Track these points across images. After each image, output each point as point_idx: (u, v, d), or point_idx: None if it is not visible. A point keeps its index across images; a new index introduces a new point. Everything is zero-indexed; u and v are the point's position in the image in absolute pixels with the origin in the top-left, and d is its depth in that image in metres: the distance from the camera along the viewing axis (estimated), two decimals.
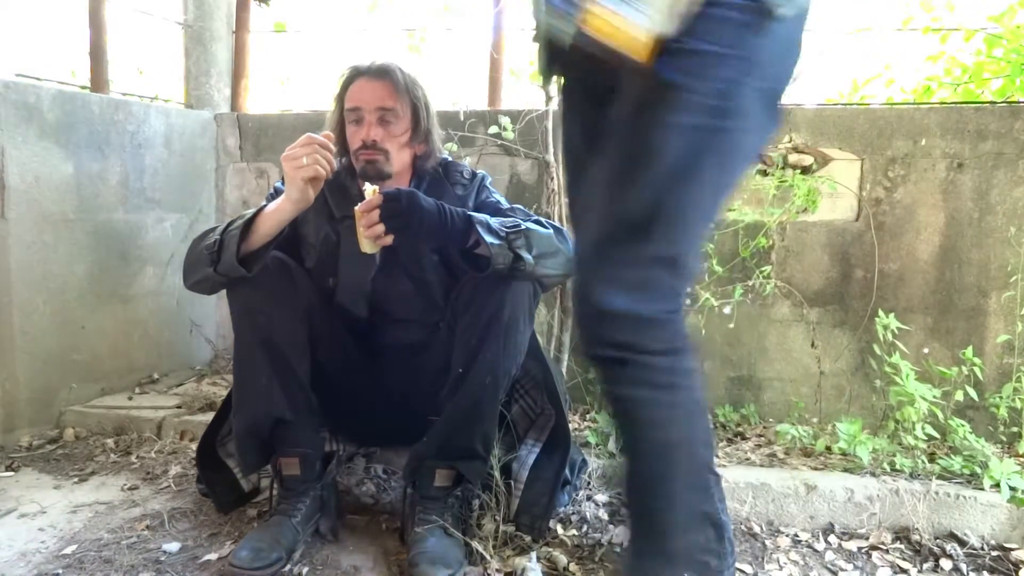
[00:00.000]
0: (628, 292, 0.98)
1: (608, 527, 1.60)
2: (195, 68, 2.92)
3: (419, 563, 1.37)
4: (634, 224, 0.99)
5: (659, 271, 1.00)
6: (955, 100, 3.11)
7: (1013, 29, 2.94)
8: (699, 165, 0.98)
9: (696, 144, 0.97)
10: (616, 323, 0.99)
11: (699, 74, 0.96)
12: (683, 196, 0.99)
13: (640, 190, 0.98)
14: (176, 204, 2.61)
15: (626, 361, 1.00)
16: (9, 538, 1.54)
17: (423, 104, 1.61)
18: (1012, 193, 2.11)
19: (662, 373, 1.02)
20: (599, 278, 1.00)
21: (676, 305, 1.03)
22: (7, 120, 2.01)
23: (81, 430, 2.17)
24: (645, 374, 1.01)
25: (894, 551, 1.56)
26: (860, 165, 2.21)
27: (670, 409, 1.04)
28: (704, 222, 1.05)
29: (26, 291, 2.07)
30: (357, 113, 1.57)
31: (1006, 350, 2.10)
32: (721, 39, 0.95)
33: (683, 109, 0.96)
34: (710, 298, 2.13)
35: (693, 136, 0.97)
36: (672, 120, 0.97)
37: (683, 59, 0.95)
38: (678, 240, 1.00)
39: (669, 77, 0.95)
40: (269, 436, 1.51)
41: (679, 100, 0.96)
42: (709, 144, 0.97)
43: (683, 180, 0.98)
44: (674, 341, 1.02)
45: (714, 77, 0.96)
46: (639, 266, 0.99)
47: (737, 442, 2.05)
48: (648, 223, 0.98)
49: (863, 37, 3.54)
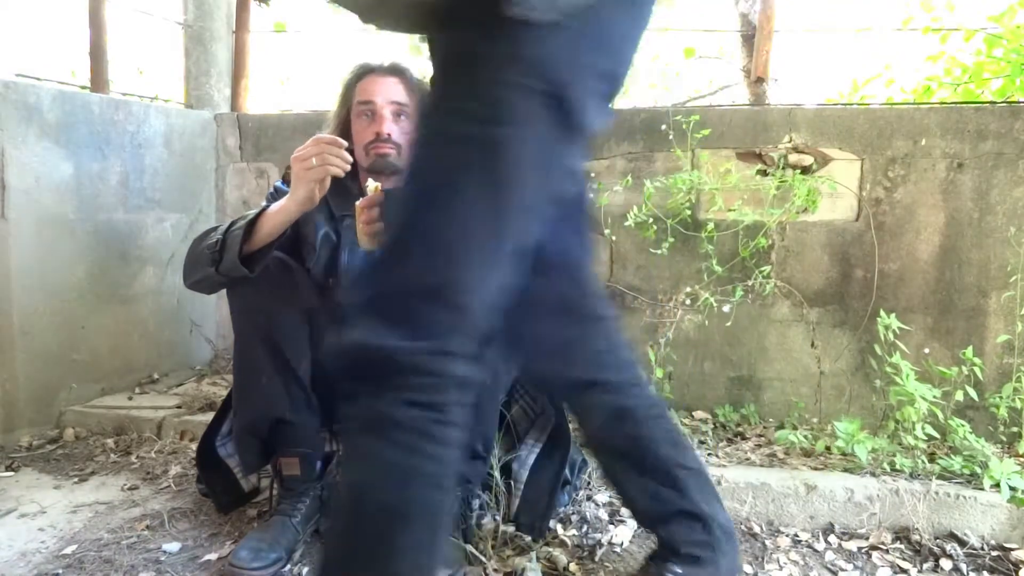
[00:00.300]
0: (377, 322, 0.82)
1: (608, 527, 1.60)
2: (195, 68, 2.92)
3: None
4: (390, 245, 0.87)
5: (416, 303, 0.83)
6: (955, 100, 3.12)
7: (1013, 29, 2.94)
8: (455, 181, 0.83)
9: (450, 156, 0.83)
10: (355, 355, 0.83)
11: (454, 76, 0.84)
12: (437, 217, 0.83)
13: (400, 209, 0.87)
14: (176, 204, 2.61)
15: (358, 401, 0.83)
16: (9, 538, 1.54)
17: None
18: (1012, 193, 2.11)
19: (400, 428, 0.82)
20: (353, 303, 0.87)
21: (440, 346, 0.82)
22: (7, 120, 2.01)
23: (81, 430, 2.17)
24: (379, 422, 0.82)
25: (894, 551, 1.56)
26: (860, 165, 2.21)
27: (395, 472, 0.82)
28: (484, 248, 0.85)
29: (26, 291, 2.07)
30: (370, 107, 1.56)
31: (1006, 350, 2.10)
32: (477, 41, 0.82)
33: (437, 115, 0.85)
34: (710, 298, 2.13)
35: (447, 147, 0.84)
36: (425, 128, 0.86)
37: (438, 56, 0.85)
38: (438, 269, 0.83)
39: (434, 75, 0.85)
40: (269, 436, 1.52)
41: (434, 104, 0.86)
42: (468, 156, 0.82)
43: (434, 198, 0.83)
44: (432, 393, 0.82)
45: (471, 79, 0.82)
46: (392, 295, 0.84)
47: (737, 442, 2.05)
48: (402, 246, 0.85)
49: (863, 37, 3.54)
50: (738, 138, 2.29)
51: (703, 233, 2.20)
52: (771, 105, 2.53)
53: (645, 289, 2.35)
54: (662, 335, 2.14)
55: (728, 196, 2.23)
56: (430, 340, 0.82)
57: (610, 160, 2.39)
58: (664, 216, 2.21)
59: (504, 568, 1.42)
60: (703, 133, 2.20)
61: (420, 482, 0.83)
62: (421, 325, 0.82)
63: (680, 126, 2.23)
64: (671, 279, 2.33)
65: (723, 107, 2.60)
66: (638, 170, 2.35)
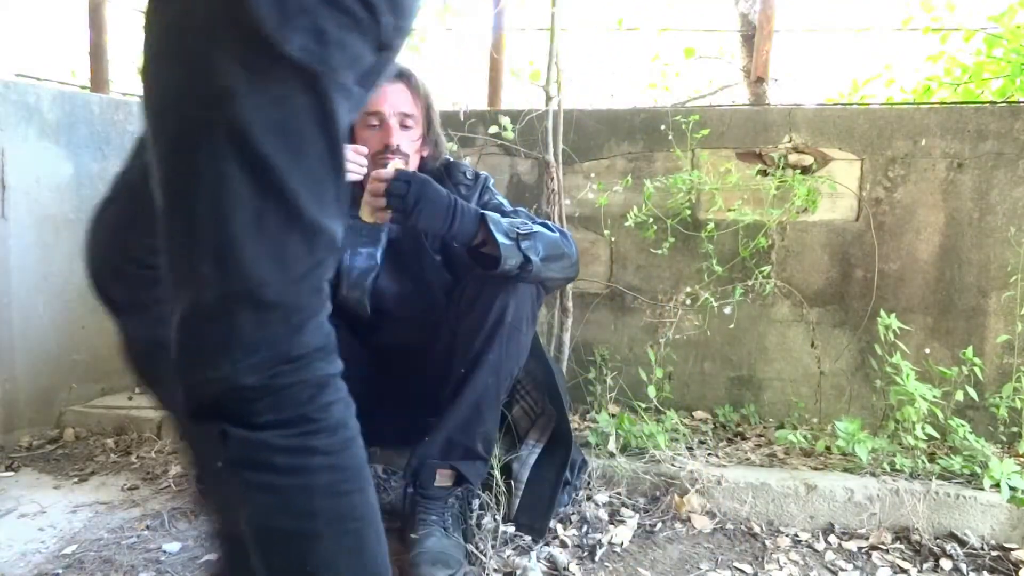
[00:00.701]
0: (209, 344, 0.72)
1: (608, 527, 1.60)
2: None
3: (420, 563, 1.37)
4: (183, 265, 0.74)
5: (238, 313, 0.71)
6: (955, 100, 3.11)
7: (1013, 29, 2.94)
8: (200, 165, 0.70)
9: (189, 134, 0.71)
10: (201, 394, 0.74)
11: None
12: (198, 210, 0.71)
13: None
14: None
15: (227, 434, 0.74)
16: (9, 538, 1.54)
17: (434, 109, 1.63)
18: (1012, 193, 2.11)
19: (279, 453, 0.75)
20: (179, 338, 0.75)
21: (278, 356, 0.74)
22: (7, 120, 2.01)
23: (81, 430, 2.17)
24: (247, 451, 0.75)
25: (894, 551, 1.56)
26: (860, 165, 2.21)
27: (294, 497, 0.77)
28: (276, 242, 0.72)
29: (26, 291, 2.07)
30: (379, 117, 1.56)
31: (1006, 350, 2.10)
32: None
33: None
34: (710, 298, 2.13)
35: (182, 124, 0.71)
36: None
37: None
38: (229, 272, 0.71)
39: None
40: None
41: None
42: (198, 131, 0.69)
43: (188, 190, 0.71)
44: (294, 407, 0.75)
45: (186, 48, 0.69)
46: (211, 310, 0.72)
47: (737, 442, 2.05)
48: (187, 244, 0.72)
49: (863, 37, 3.55)
50: (738, 138, 2.29)
51: (703, 233, 2.20)
52: (771, 105, 2.53)
53: (645, 289, 2.35)
54: (662, 335, 2.14)
55: (728, 196, 2.23)
56: (263, 352, 0.73)
57: (610, 160, 2.39)
58: (664, 216, 2.21)
59: (504, 568, 1.42)
60: (703, 133, 2.21)
61: (320, 495, 0.78)
62: (247, 340, 0.72)
63: (680, 126, 2.23)
64: (671, 279, 2.33)
65: (723, 107, 2.60)
66: (638, 170, 2.36)
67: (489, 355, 1.44)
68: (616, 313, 2.39)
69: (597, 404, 2.13)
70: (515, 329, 1.46)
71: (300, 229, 0.73)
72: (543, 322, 2.28)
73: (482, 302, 1.45)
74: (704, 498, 1.69)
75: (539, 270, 1.42)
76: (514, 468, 1.61)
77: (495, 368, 1.45)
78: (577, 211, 2.38)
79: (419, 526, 1.45)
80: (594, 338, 2.38)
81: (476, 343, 1.45)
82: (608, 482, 1.74)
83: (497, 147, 2.41)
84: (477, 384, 1.45)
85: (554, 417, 1.64)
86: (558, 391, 1.64)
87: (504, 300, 1.44)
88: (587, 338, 2.36)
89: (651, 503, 1.71)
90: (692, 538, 1.60)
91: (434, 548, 1.40)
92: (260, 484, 0.76)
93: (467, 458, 1.50)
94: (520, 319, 1.46)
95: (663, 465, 1.75)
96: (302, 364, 0.76)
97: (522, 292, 1.46)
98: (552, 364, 1.70)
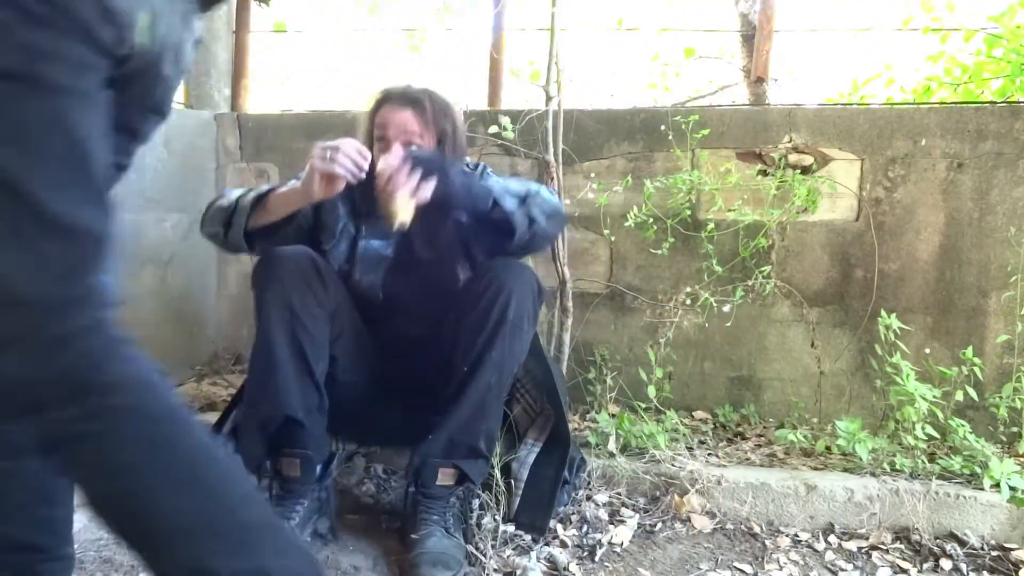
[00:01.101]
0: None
1: (608, 527, 1.60)
2: (195, 68, 2.92)
3: (420, 564, 1.37)
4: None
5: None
6: (955, 100, 3.11)
7: (1013, 29, 2.94)
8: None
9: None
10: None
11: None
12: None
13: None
14: (176, 204, 2.61)
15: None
16: None
17: (449, 134, 1.64)
18: (1012, 193, 2.11)
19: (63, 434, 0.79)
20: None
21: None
22: None
23: None
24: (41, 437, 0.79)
25: (894, 551, 1.56)
26: (860, 165, 2.21)
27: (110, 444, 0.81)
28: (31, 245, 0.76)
29: None
30: (384, 136, 1.60)
31: (1006, 350, 2.10)
32: None
33: None
34: (710, 298, 2.13)
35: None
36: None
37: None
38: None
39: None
40: (276, 433, 1.51)
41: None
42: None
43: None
44: (66, 385, 0.79)
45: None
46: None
47: (737, 442, 2.05)
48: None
49: (863, 37, 3.55)
50: (738, 138, 2.29)
51: (703, 233, 2.20)
52: (771, 105, 2.53)
53: (645, 289, 2.35)
54: (662, 335, 2.14)
55: (728, 196, 2.23)
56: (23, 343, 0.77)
57: (610, 160, 2.39)
58: (664, 216, 2.21)
59: (504, 568, 1.42)
60: (703, 133, 2.21)
61: (120, 452, 0.83)
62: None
63: (680, 126, 2.23)
64: (671, 279, 2.33)
65: (723, 107, 2.60)
66: (638, 170, 2.36)
67: (492, 353, 1.45)
68: (616, 313, 2.39)
69: (597, 404, 2.13)
70: (517, 327, 1.46)
71: (53, 228, 0.79)
72: (543, 322, 2.28)
73: (485, 301, 1.46)
74: (704, 498, 1.69)
75: (545, 229, 1.51)
76: (513, 467, 1.61)
77: (498, 367, 1.46)
78: (577, 211, 2.38)
79: (420, 526, 1.45)
80: (594, 338, 2.38)
81: (478, 342, 1.45)
82: (608, 482, 1.75)
83: (497, 147, 2.41)
84: (480, 383, 1.46)
85: (553, 416, 1.64)
86: (557, 390, 1.64)
87: (506, 298, 1.44)
88: (587, 338, 2.36)
89: (651, 503, 1.71)
90: (692, 538, 1.60)
91: (435, 549, 1.40)
92: (69, 463, 0.83)
93: (470, 457, 1.50)
94: (521, 317, 1.47)
95: (663, 465, 1.75)
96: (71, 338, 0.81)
97: (524, 291, 1.47)
98: (551, 363, 1.70)
